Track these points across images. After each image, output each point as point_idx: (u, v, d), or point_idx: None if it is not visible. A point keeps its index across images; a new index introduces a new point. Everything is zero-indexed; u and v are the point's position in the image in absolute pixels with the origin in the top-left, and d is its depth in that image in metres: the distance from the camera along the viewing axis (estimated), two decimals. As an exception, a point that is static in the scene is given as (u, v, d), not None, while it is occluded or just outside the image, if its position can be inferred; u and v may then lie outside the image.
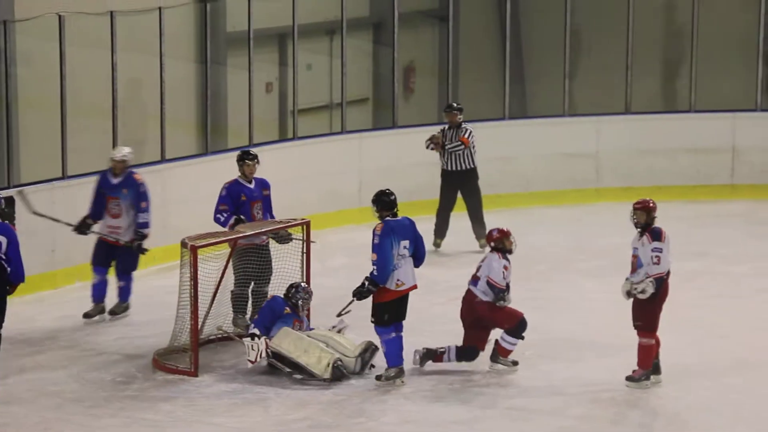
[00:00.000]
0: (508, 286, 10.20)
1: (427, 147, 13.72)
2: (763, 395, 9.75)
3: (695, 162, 16.02)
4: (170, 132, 13.64)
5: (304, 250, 10.97)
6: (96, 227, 11.55)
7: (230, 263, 10.78)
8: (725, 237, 14.52)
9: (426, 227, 13.98)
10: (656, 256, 9.58)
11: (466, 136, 13.60)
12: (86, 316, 11.53)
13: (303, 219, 11.12)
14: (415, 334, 10.53)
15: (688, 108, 16.27)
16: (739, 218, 15.52)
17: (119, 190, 11.54)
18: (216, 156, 13.91)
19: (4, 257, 9.77)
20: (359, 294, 9.88)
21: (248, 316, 11.07)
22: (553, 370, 10.26)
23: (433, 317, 11.31)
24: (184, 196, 13.45)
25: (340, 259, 13.43)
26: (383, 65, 16.30)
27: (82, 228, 11.55)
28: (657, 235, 9.65)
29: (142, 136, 13.93)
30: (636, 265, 9.75)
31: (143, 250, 11.59)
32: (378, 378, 9.93)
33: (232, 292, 11.00)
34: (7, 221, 10.51)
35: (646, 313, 9.66)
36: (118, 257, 11.61)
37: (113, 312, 11.64)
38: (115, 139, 13.08)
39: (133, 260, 11.64)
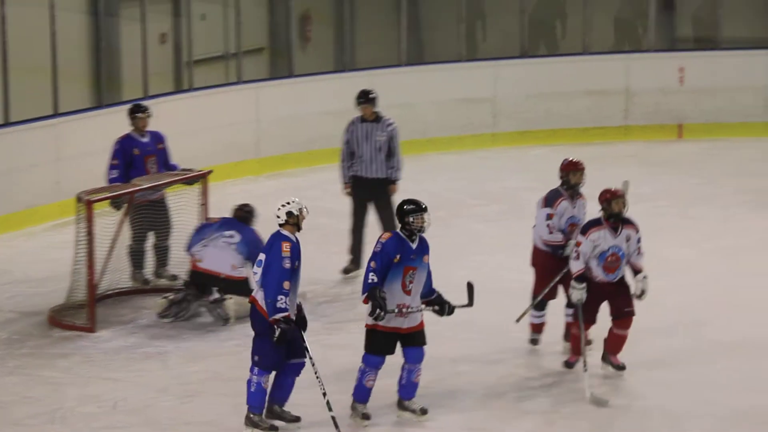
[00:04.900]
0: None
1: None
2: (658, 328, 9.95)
3: (589, 104, 16.20)
4: (63, 85, 13.45)
5: (202, 202, 10.97)
6: None
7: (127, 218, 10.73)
8: (620, 178, 14.65)
9: (325, 177, 14.05)
10: (640, 246, 8.98)
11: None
12: None
13: (202, 171, 11.06)
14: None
15: (581, 50, 16.44)
16: (633, 159, 15.78)
17: None
18: (110, 109, 13.73)
19: None
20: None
21: (146, 271, 11.04)
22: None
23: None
24: (79, 151, 13.30)
25: (239, 211, 13.34)
26: (279, 14, 16.17)
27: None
28: (636, 224, 9.06)
29: (34, 89, 13.73)
30: (620, 263, 8.99)
31: None
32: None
33: (129, 246, 10.93)
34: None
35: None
36: None
37: None
38: (6, 94, 12.88)
39: None
